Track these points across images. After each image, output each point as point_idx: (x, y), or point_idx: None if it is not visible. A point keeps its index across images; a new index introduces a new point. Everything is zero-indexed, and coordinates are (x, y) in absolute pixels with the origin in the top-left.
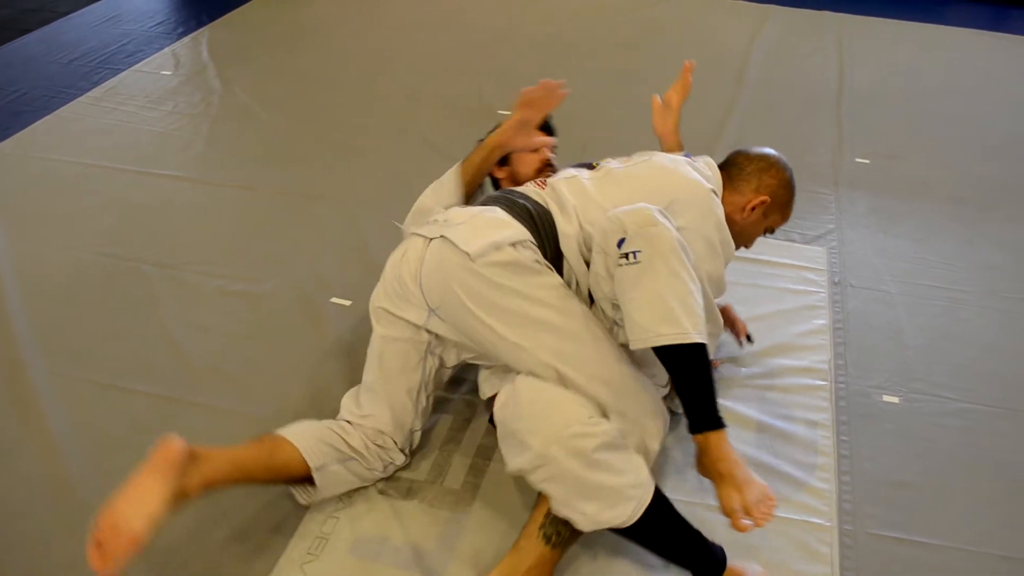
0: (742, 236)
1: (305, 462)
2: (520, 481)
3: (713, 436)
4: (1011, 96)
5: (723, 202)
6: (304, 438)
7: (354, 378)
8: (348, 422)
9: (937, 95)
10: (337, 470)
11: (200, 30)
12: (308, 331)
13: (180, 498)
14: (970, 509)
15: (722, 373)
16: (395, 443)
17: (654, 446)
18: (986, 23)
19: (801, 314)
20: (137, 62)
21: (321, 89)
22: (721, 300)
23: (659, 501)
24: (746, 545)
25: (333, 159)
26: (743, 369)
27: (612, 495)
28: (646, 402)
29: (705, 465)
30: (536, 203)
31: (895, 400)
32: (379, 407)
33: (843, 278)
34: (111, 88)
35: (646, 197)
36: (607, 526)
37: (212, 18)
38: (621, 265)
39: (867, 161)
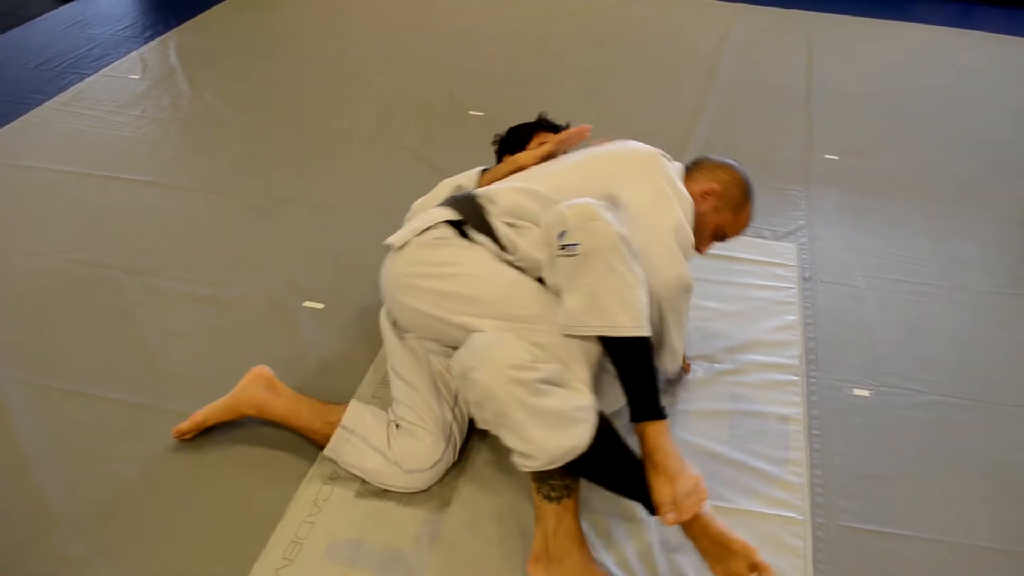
0: (694, 226)
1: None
2: (497, 481)
3: (650, 427)
4: (977, 92)
5: None
6: (360, 406)
7: (326, 382)
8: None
9: (905, 92)
10: (359, 444)
11: (168, 33)
12: (279, 336)
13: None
14: (941, 500)
15: (696, 373)
16: (426, 428)
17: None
18: (952, 20)
19: (771, 310)
20: (104, 66)
21: (292, 93)
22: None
23: (607, 426)
24: None
25: (304, 162)
26: (715, 365)
27: (560, 419)
28: (574, 346)
29: (643, 455)
30: (469, 191)
31: (865, 394)
32: (406, 394)
33: (813, 274)
34: (78, 93)
35: (587, 168)
36: (560, 453)
37: (180, 21)
38: (559, 256)
39: (836, 158)
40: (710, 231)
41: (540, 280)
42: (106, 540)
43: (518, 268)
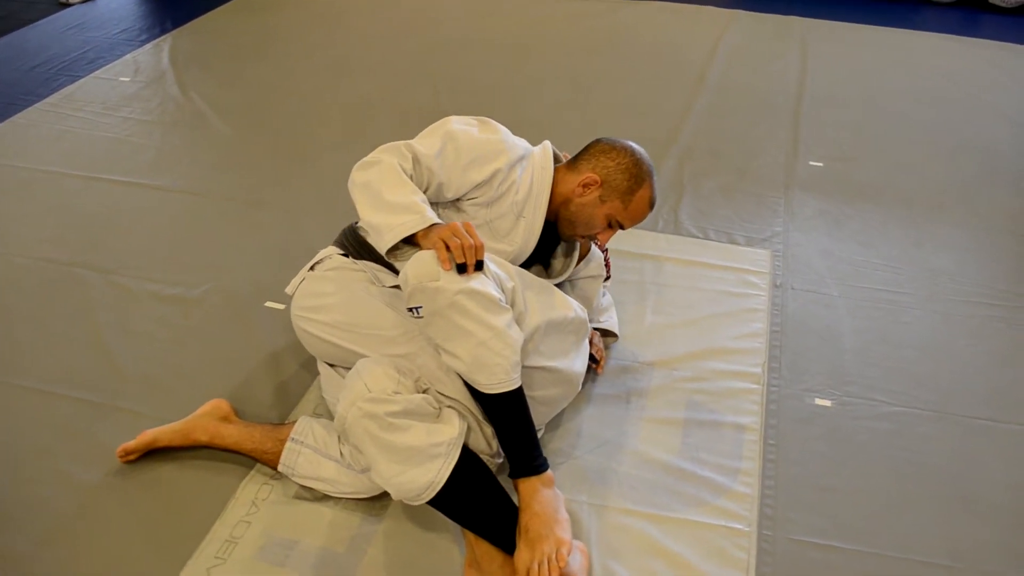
0: (579, 217)
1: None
2: None
3: (522, 484)
4: (971, 99)
5: (561, 181)
6: (309, 420)
7: (279, 382)
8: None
9: (897, 99)
10: (311, 455)
11: (163, 37)
12: (238, 336)
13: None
14: (895, 514)
15: (654, 379)
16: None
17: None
18: (954, 27)
19: (739, 317)
20: (97, 69)
21: (279, 97)
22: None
23: (473, 464)
24: (660, 547)
25: (283, 167)
26: (673, 372)
27: (413, 455)
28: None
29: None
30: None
31: (827, 404)
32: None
33: (785, 281)
34: (68, 95)
35: None
36: (411, 489)
37: (176, 25)
38: (412, 316)
39: (820, 164)
40: (600, 222)
41: None
42: (44, 535)
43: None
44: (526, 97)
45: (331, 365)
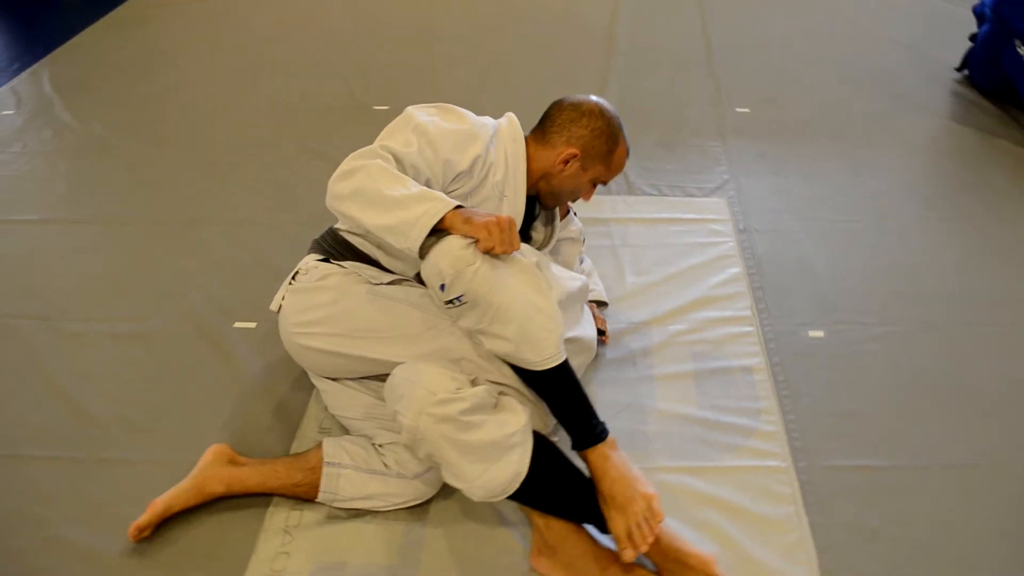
0: (563, 189)
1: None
2: None
3: (591, 454)
4: (863, 31)
5: (536, 156)
6: (334, 441)
7: (272, 405)
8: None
9: (797, 40)
10: (352, 474)
11: (38, 64)
12: (213, 362)
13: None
14: (910, 426)
15: (653, 337)
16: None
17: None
18: None
19: (714, 265)
20: None
21: (180, 110)
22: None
23: (545, 447)
24: (708, 497)
25: (207, 179)
26: (669, 327)
27: (493, 450)
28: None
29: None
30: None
31: (820, 334)
32: (367, 422)
33: (747, 224)
34: None
35: None
36: (498, 485)
37: (48, 50)
38: (450, 307)
39: (747, 110)
40: (586, 188)
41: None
42: None
43: (399, 280)
44: (444, 79)
45: (332, 379)
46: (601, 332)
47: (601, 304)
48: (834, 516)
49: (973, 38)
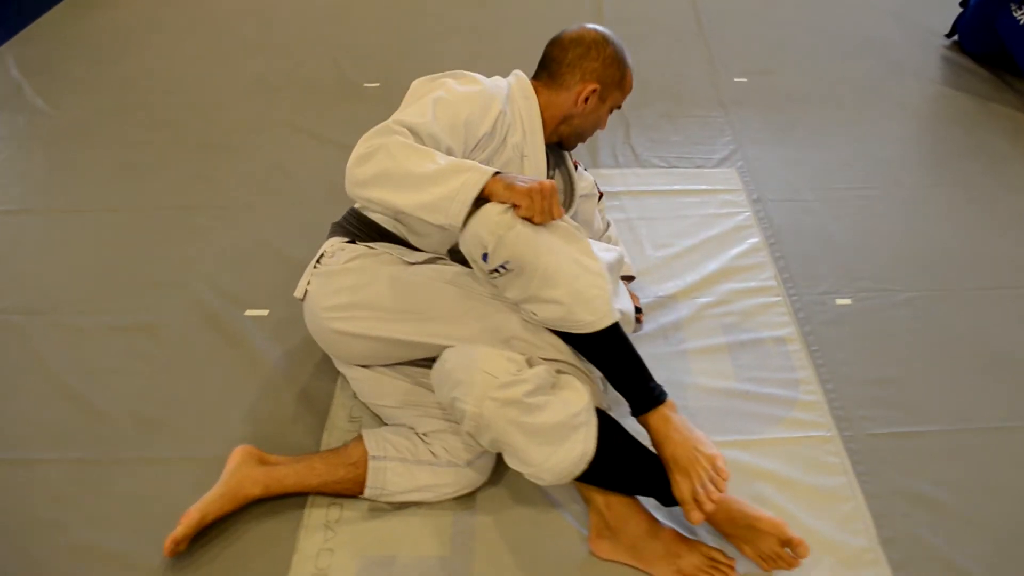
0: (586, 125)
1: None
2: None
3: (652, 418)
4: (850, 1)
5: (552, 103)
6: (374, 432)
7: (295, 394)
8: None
9: (785, 10)
10: (398, 466)
11: (2, 47)
12: (228, 353)
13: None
14: (945, 390)
15: (682, 311)
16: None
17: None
18: None
19: (733, 236)
20: None
21: (160, 91)
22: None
23: (609, 424)
24: (759, 471)
25: (196, 163)
26: (697, 300)
27: (560, 431)
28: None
29: (655, 448)
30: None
31: (848, 302)
32: (409, 410)
33: (761, 194)
34: None
35: None
36: (566, 467)
37: (11, 34)
38: (495, 277)
39: (745, 80)
40: (606, 117)
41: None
42: None
43: (433, 258)
44: (435, 53)
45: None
46: (638, 310)
47: (627, 278)
48: (885, 484)
49: (964, 3)
